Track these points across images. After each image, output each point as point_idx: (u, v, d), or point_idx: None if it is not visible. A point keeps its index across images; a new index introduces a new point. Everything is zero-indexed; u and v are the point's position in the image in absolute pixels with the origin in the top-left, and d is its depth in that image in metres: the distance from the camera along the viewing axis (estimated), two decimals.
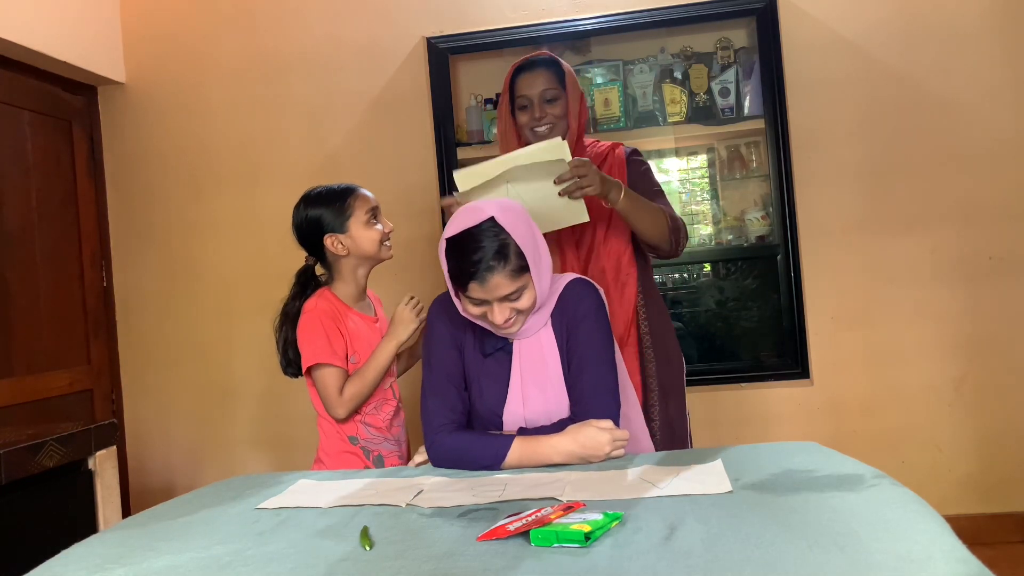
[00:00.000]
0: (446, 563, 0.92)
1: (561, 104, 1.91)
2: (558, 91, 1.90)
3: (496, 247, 1.35)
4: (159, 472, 3.15)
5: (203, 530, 1.13)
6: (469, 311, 1.43)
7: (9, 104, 2.76)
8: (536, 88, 1.90)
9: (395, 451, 1.88)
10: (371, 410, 1.85)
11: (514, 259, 1.36)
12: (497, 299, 1.38)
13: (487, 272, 1.35)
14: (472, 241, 1.36)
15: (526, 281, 1.39)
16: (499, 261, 1.35)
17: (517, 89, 1.93)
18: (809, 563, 0.82)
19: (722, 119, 2.93)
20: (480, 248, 1.35)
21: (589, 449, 1.34)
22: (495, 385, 1.50)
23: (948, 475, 2.77)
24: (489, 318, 1.41)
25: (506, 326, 1.42)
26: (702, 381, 2.83)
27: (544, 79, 1.91)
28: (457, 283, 1.40)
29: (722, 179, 3.05)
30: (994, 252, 2.75)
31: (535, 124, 1.91)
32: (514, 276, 1.37)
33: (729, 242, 2.99)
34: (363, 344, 1.83)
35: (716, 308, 3.01)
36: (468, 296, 1.40)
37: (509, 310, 1.40)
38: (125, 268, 3.18)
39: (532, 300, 1.42)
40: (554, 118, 1.91)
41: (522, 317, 1.44)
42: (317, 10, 3.08)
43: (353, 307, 1.87)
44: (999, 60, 2.75)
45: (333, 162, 3.07)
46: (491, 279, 1.35)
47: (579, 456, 1.35)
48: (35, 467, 1.77)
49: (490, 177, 1.65)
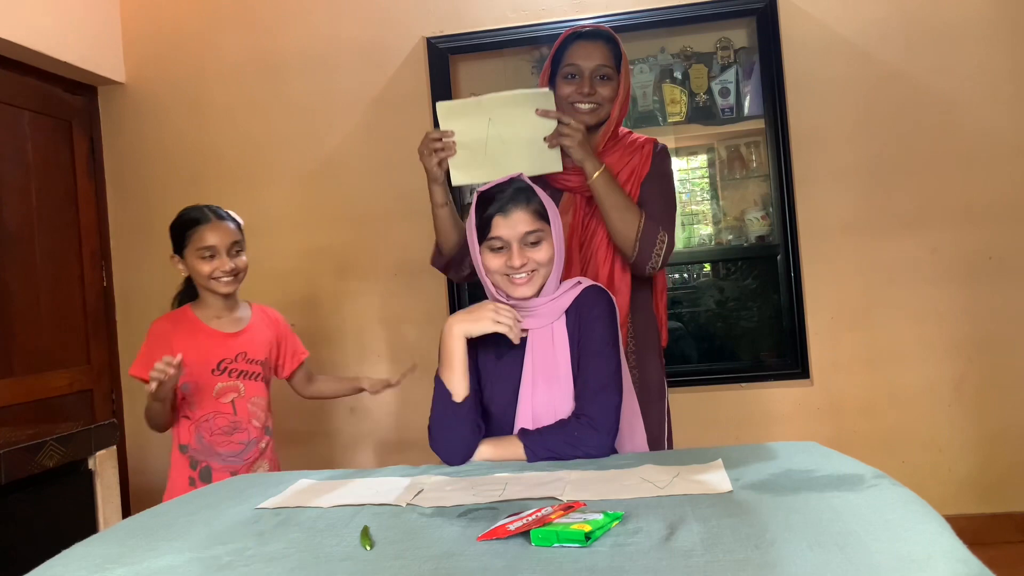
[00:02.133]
0: (446, 563, 0.92)
1: (612, 86, 1.79)
2: (612, 71, 1.78)
3: (521, 188, 1.50)
4: (159, 472, 3.14)
5: (203, 530, 1.13)
6: (488, 265, 1.50)
7: (9, 104, 2.76)
8: (592, 61, 1.76)
9: (228, 467, 1.96)
10: (203, 419, 1.95)
11: (536, 203, 1.49)
12: (518, 238, 1.46)
13: (511, 204, 1.46)
14: (500, 187, 1.51)
15: (545, 230, 1.49)
16: (523, 198, 1.48)
17: (568, 56, 1.79)
18: (809, 563, 0.82)
19: (722, 119, 2.93)
20: (506, 190, 1.49)
21: (474, 312, 1.46)
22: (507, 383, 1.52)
23: (948, 475, 2.77)
24: (508, 264, 1.47)
25: (521, 281, 1.48)
26: (702, 381, 2.84)
27: (601, 54, 1.77)
28: (482, 229, 1.49)
29: (722, 179, 3.05)
30: (994, 252, 2.75)
31: (580, 99, 1.77)
32: (535, 217, 1.48)
33: (729, 242, 2.99)
34: (198, 359, 1.92)
35: (716, 308, 3.01)
36: (490, 240, 1.47)
37: (527, 257, 1.47)
38: (125, 268, 3.18)
39: (549, 256, 1.49)
40: (601, 99, 1.78)
41: (538, 278, 1.49)
42: (317, 10, 3.08)
43: (210, 323, 1.99)
44: (999, 60, 2.75)
45: (333, 162, 3.07)
46: (514, 212, 1.46)
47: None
48: (35, 467, 1.77)
49: (473, 113, 1.68)
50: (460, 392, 1.46)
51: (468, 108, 1.68)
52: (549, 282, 1.51)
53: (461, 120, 1.69)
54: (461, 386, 1.46)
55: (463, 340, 1.46)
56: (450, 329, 1.46)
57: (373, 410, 3.05)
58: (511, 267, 1.47)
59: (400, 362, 3.04)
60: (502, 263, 1.48)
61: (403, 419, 3.03)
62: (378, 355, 3.05)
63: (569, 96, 1.78)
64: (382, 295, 3.05)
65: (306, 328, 3.07)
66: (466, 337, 1.45)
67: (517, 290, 1.49)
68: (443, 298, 3.00)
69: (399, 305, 3.03)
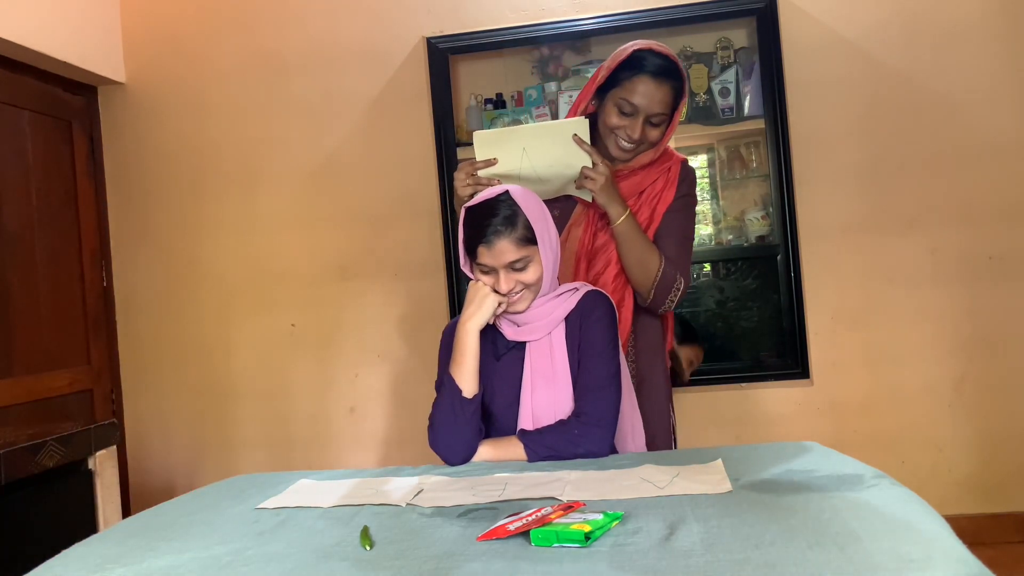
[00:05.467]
0: (446, 563, 0.92)
1: (662, 129, 1.72)
2: (666, 116, 1.70)
3: (506, 215, 1.44)
4: (159, 472, 3.15)
5: (203, 530, 1.13)
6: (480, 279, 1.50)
7: (9, 104, 2.76)
8: (652, 106, 1.67)
9: None
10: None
11: (521, 229, 1.45)
12: (503, 266, 1.45)
13: (494, 236, 1.43)
14: (486, 209, 1.46)
15: (532, 253, 1.46)
16: (506, 227, 1.44)
17: (629, 87, 1.68)
18: (809, 563, 0.82)
19: (722, 119, 2.93)
20: (492, 215, 1.45)
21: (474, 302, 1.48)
22: (507, 385, 1.53)
23: (948, 475, 2.77)
24: (495, 286, 1.47)
25: (513, 300, 1.48)
26: (702, 381, 2.83)
27: (663, 99, 1.67)
28: (469, 251, 1.49)
29: (722, 179, 3.05)
30: (994, 252, 2.75)
31: (626, 138, 1.71)
32: (520, 244, 1.44)
33: (729, 242, 2.99)
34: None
35: (716, 308, 3.01)
36: (478, 264, 1.47)
37: (514, 281, 1.46)
38: (125, 268, 3.18)
39: (538, 276, 1.47)
40: (648, 144, 1.72)
41: (529, 294, 1.49)
42: (317, 10, 3.08)
43: None
44: (999, 60, 2.75)
45: (333, 162, 3.07)
46: (497, 243, 1.43)
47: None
48: (35, 467, 1.77)
49: (508, 141, 1.69)
50: (471, 388, 1.46)
51: (504, 137, 1.69)
52: (544, 286, 1.50)
53: (496, 149, 1.70)
54: (472, 382, 1.47)
55: (477, 334, 1.47)
56: (463, 325, 1.47)
57: (373, 410, 3.05)
58: (499, 291, 1.48)
59: (400, 362, 3.04)
60: (491, 283, 1.48)
61: (403, 419, 3.03)
62: (378, 355, 3.04)
63: (615, 128, 1.71)
64: (382, 295, 3.05)
65: (306, 328, 3.08)
66: (479, 329, 1.47)
67: (511, 308, 1.50)
68: (443, 298, 3.00)
69: (399, 305, 3.04)
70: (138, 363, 3.17)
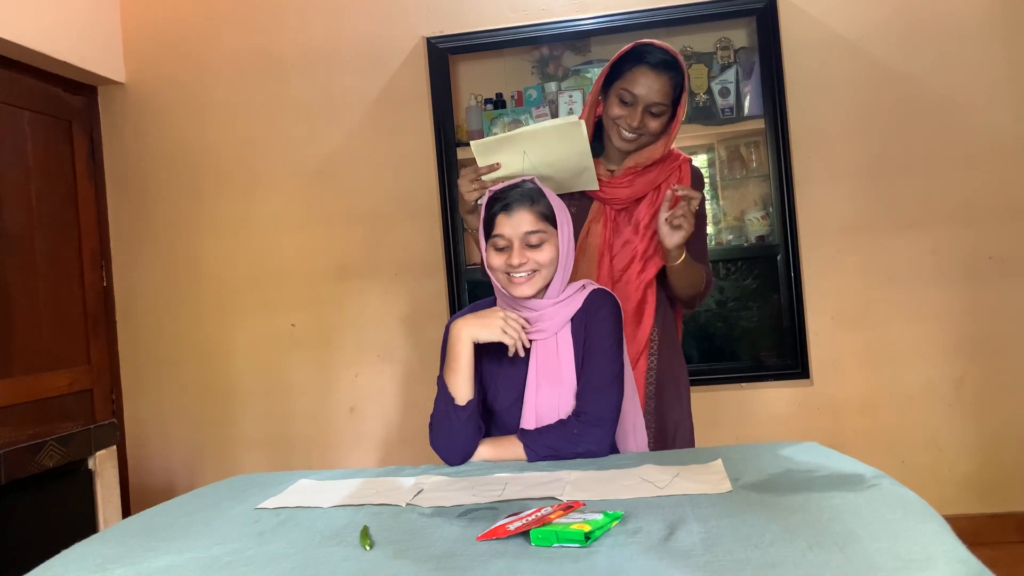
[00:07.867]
0: (446, 563, 0.92)
1: (664, 120, 1.73)
2: (666, 107, 1.72)
3: (530, 189, 1.51)
4: (159, 472, 3.15)
5: (203, 530, 1.13)
6: (492, 262, 1.50)
7: (9, 104, 2.76)
8: (651, 95, 1.70)
9: None
10: None
11: (543, 206, 1.49)
12: (519, 236, 1.46)
13: (516, 203, 1.48)
14: (511, 186, 1.53)
15: (549, 232, 1.49)
16: (529, 200, 1.49)
17: (628, 78, 1.71)
18: (809, 563, 0.82)
19: (722, 119, 2.93)
20: (516, 188, 1.51)
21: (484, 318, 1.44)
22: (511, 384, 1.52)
23: (948, 475, 2.77)
24: (508, 262, 1.47)
25: (519, 281, 1.47)
26: (702, 381, 2.83)
27: (662, 89, 1.70)
28: (488, 226, 1.51)
29: (722, 179, 3.05)
30: (994, 252, 2.75)
31: (627, 127, 1.72)
32: (538, 218, 1.48)
33: (729, 242, 2.99)
34: None
35: (716, 308, 3.01)
36: (494, 238, 1.48)
37: (527, 257, 1.46)
38: (125, 268, 3.18)
39: (551, 258, 1.48)
40: (648, 132, 1.73)
41: (538, 278, 1.48)
42: (317, 10, 3.08)
43: None
44: (999, 60, 2.75)
45: (333, 162, 3.07)
46: (518, 211, 1.47)
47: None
48: (35, 467, 1.77)
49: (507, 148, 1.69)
50: (463, 396, 1.45)
51: (502, 144, 1.70)
52: (554, 285, 1.51)
53: (497, 155, 1.70)
54: (465, 390, 1.45)
55: (471, 345, 1.45)
56: (458, 332, 1.45)
57: (373, 410, 3.05)
58: (511, 265, 1.47)
59: (400, 362, 3.04)
60: (503, 261, 1.48)
61: (403, 419, 3.03)
62: (378, 355, 3.05)
63: (617, 119, 1.74)
64: (382, 295, 3.05)
65: (306, 328, 3.08)
66: (473, 342, 1.45)
67: (516, 289, 1.48)
68: (443, 298, 3.00)
69: (399, 305, 3.04)
70: (138, 363, 3.17)
